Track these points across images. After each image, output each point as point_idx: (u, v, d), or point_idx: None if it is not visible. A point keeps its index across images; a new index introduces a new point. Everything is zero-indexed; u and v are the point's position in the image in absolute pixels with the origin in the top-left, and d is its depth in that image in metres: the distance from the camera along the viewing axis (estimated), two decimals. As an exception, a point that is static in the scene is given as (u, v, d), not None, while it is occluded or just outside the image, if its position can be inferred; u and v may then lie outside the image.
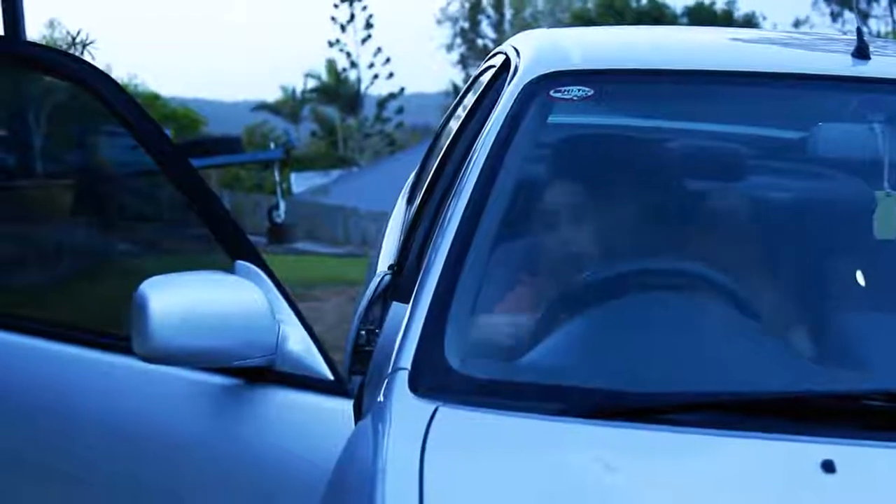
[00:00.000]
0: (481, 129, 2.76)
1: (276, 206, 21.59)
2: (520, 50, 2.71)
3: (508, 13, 63.10)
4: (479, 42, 63.25)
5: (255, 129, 48.34)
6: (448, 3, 64.35)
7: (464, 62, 62.33)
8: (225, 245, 2.22)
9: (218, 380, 2.13)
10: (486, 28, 63.52)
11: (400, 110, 52.50)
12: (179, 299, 2.02)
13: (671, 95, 2.45)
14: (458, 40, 63.55)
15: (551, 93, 2.40)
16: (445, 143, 3.24)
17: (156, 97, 38.81)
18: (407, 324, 2.07)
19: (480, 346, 2.08)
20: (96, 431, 2.16)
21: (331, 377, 2.12)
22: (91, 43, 11.58)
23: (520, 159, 2.29)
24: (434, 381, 1.95)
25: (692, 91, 2.43)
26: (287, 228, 21.82)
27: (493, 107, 2.78)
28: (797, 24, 45.63)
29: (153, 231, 2.88)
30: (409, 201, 3.68)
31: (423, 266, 2.16)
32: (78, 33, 11.57)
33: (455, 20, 63.59)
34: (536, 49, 2.65)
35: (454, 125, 3.40)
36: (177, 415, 2.14)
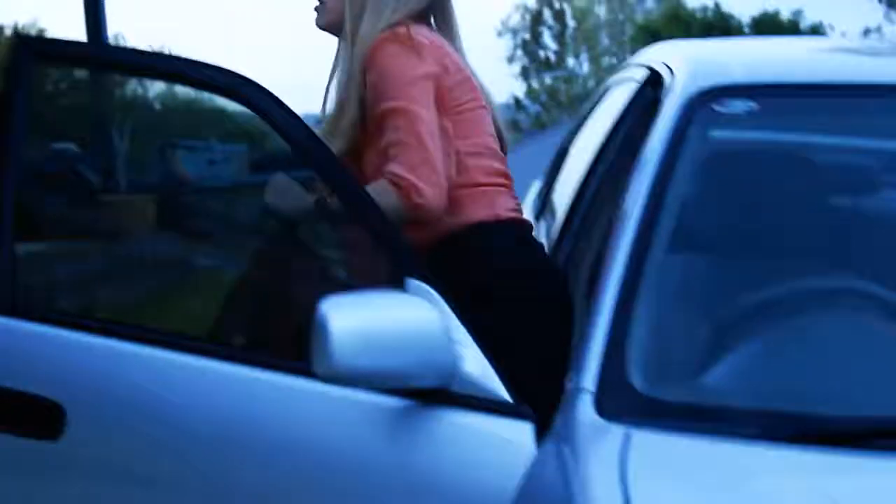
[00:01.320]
0: (632, 143, 2.73)
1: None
2: (671, 64, 2.66)
3: (570, 24, 62.99)
4: (541, 53, 63.23)
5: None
6: (508, 16, 64.38)
7: (525, 74, 62.32)
8: (394, 263, 2.19)
9: (391, 401, 2.10)
10: (547, 39, 63.49)
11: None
12: (359, 319, 1.99)
13: (839, 110, 2.39)
14: (519, 52, 63.54)
15: (715, 107, 2.36)
16: (583, 158, 3.20)
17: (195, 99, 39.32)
18: (586, 343, 2.04)
19: (663, 366, 2.04)
20: (273, 454, 2.14)
21: (508, 399, 2.08)
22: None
23: (687, 174, 2.25)
24: (621, 403, 1.92)
25: (862, 105, 2.37)
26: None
27: (644, 121, 2.75)
28: (867, 32, 45.11)
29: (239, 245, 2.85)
30: (539, 217, 3.64)
31: (598, 286, 2.12)
32: (160, 49, 11.67)
33: (515, 32, 63.60)
34: (692, 63, 2.61)
35: (590, 141, 3.36)
36: (352, 437, 2.11)
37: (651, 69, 2.82)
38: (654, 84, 2.77)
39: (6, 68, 2.51)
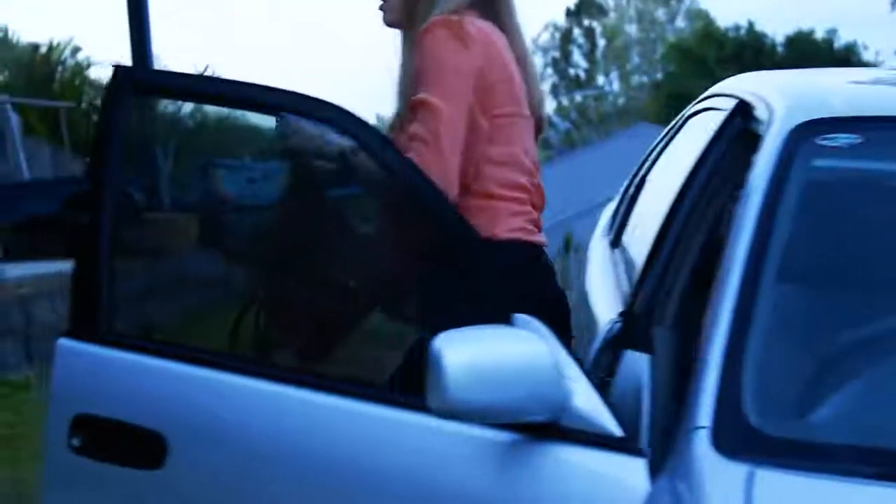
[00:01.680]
0: (724, 174, 2.72)
1: None
2: (764, 95, 2.64)
3: (601, 43, 63.03)
4: (571, 71, 63.27)
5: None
6: (539, 34, 64.42)
7: (555, 92, 62.40)
8: None
9: (500, 435, 2.08)
10: (577, 58, 63.54)
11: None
12: (471, 354, 1.98)
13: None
14: (550, 70, 63.61)
15: (818, 140, 2.34)
16: (667, 188, 3.19)
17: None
18: (698, 379, 2.02)
19: (779, 401, 2.02)
20: (380, 487, 2.13)
21: (620, 434, 2.06)
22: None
23: (793, 208, 2.23)
24: (739, 440, 1.90)
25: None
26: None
27: (736, 152, 2.73)
28: (900, 52, 44.97)
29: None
30: (615, 244, 3.63)
31: (707, 321, 2.10)
32: (205, 69, 11.74)
33: (546, 50, 63.70)
34: (790, 95, 2.59)
35: (673, 171, 3.35)
36: (460, 471, 2.10)
37: (740, 100, 2.79)
38: (744, 115, 2.75)
39: (104, 99, 2.52)
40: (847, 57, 45.44)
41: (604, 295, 3.24)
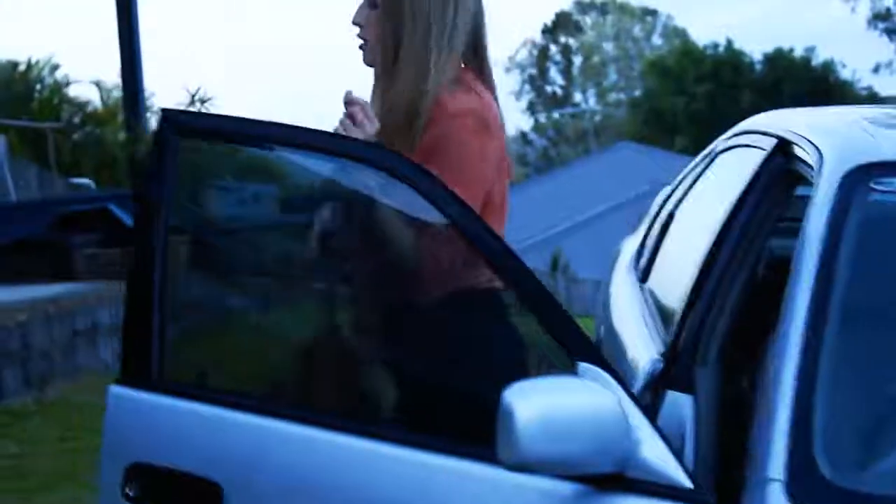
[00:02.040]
0: (767, 215, 2.72)
1: None
2: (806, 135, 2.64)
3: (577, 60, 63.24)
4: (548, 89, 63.45)
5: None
6: (516, 51, 64.62)
7: (532, 109, 62.54)
8: (567, 345, 2.17)
9: (566, 486, 2.07)
10: (554, 75, 63.75)
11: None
12: (541, 407, 1.97)
13: None
14: (527, 87, 63.79)
15: (872, 184, 2.34)
16: (703, 226, 3.19)
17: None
18: (767, 429, 2.01)
19: (850, 451, 2.01)
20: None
21: (689, 485, 2.05)
22: (209, 100, 11.73)
23: (852, 252, 2.23)
24: (813, 493, 1.89)
25: None
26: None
27: (780, 193, 2.74)
28: (877, 69, 45.27)
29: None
30: (644, 279, 3.62)
31: (772, 366, 2.10)
32: (197, 90, 11.72)
33: (523, 67, 63.90)
34: (833, 136, 2.59)
35: (707, 208, 3.35)
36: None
37: (780, 139, 2.79)
38: (785, 154, 2.75)
39: (153, 143, 2.49)
40: (825, 75, 45.72)
41: (638, 333, 3.23)
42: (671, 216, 3.66)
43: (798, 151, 2.66)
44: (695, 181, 3.61)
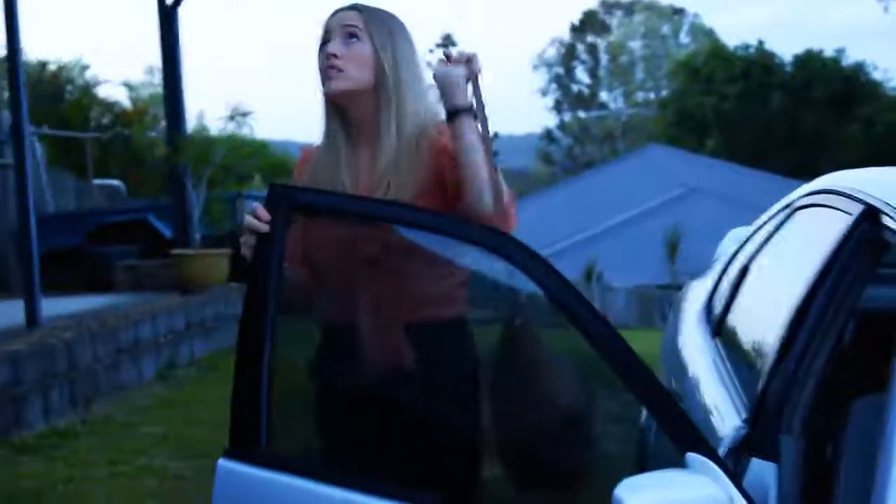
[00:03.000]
0: (856, 284, 2.70)
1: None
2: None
3: (604, 59, 63.15)
4: (574, 87, 63.36)
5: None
6: (544, 50, 64.55)
7: (558, 107, 62.45)
8: (676, 437, 2.16)
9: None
10: (581, 74, 63.66)
11: (495, 153, 52.70)
12: (652, 503, 1.98)
13: None
14: (554, 86, 63.71)
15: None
16: (781, 284, 3.18)
17: (263, 145, 38.31)
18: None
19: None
20: None
21: (799, 580, 2.05)
22: (249, 114, 11.75)
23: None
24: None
25: None
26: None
27: (869, 264, 2.72)
28: (907, 71, 45.08)
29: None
30: (717, 334, 3.60)
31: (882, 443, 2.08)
32: (237, 105, 11.75)
33: (550, 66, 63.82)
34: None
35: (786, 266, 3.33)
36: None
37: (867, 205, 2.77)
38: (872, 222, 2.72)
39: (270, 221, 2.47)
40: (855, 76, 45.47)
41: (716, 392, 3.20)
42: (745, 270, 3.63)
43: (887, 222, 2.63)
44: (771, 235, 3.58)
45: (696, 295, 4.23)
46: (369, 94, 2.74)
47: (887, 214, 2.64)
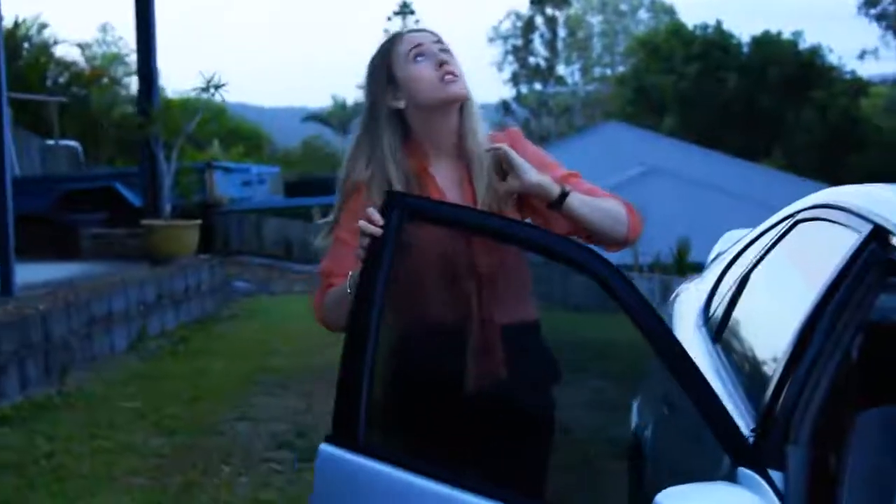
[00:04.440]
0: (864, 304, 2.80)
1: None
2: None
3: (562, 33, 63.10)
4: (532, 60, 63.32)
5: (310, 142, 48.49)
6: (500, 22, 64.39)
7: (515, 80, 62.35)
8: (731, 451, 2.26)
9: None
10: (538, 47, 63.58)
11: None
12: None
13: None
14: (510, 58, 63.59)
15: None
16: (786, 296, 3.28)
17: (221, 110, 38.06)
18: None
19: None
20: None
21: None
22: (224, 85, 11.74)
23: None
24: None
25: None
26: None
27: (878, 284, 2.81)
28: (862, 55, 45.47)
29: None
30: (717, 340, 3.69)
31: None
32: (212, 77, 11.72)
33: (507, 38, 63.67)
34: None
35: (790, 279, 3.43)
36: None
37: (875, 225, 2.86)
38: (882, 243, 2.81)
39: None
40: (811, 59, 45.82)
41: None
42: (746, 278, 3.73)
43: (892, 239, 2.72)
44: (773, 245, 3.68)
45: (691, 297, 4.33)
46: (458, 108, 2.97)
47: (890, 232, 2.73)
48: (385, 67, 2.96)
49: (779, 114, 44.32)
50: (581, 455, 3.24)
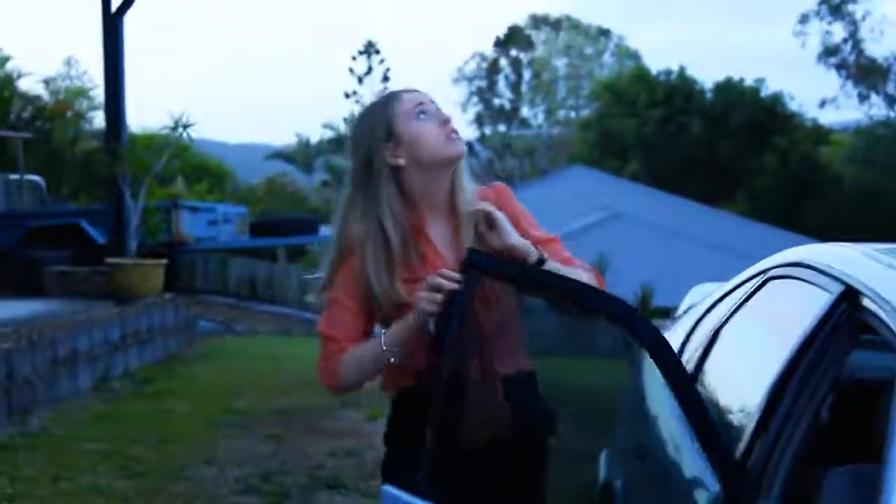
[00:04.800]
0: (834, 366, 2.84)
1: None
2: (877, 289, 2.72)
3: (526, 75, 63.52)
4: (496, 101, 63.67)
5: (274, 179, 48.43)
6: (465, 63, 64.73)
7: (479, 121, 62.72)
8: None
9: None
10: (502, 88, 63.97)
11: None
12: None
13: None
14: (475, 99, 63.91)
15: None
16: (756, 355, 3.33)
17: (185, 147, 37.85)
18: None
19: None
20: None
21: None
22: (192, 125, 11.77)
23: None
24: None
25: None
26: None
27: (849, 346, 2.86)
28: (823, 104, 46.01)
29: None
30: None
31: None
32: (181, 116, 11.74)
33: (471, 79, 64.05)
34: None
35: (760, 337, 3.49)
36: None
37: (847, 286, 2.90)
38: (852, 304, 2.84)
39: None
40: (773, 105, 46.30)
41: (691, 453, 3.32)
42: (717, 333, 3.78)
43: (868, 304, 2.75)
44: (743, 302, 3.73)
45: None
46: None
47: (867, 296, 2.77)
48: (385, 124, 2.98)
49: (741, 159, 44.75)
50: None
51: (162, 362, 11.55)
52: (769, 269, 3.69)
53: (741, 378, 3.46)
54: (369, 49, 42.94)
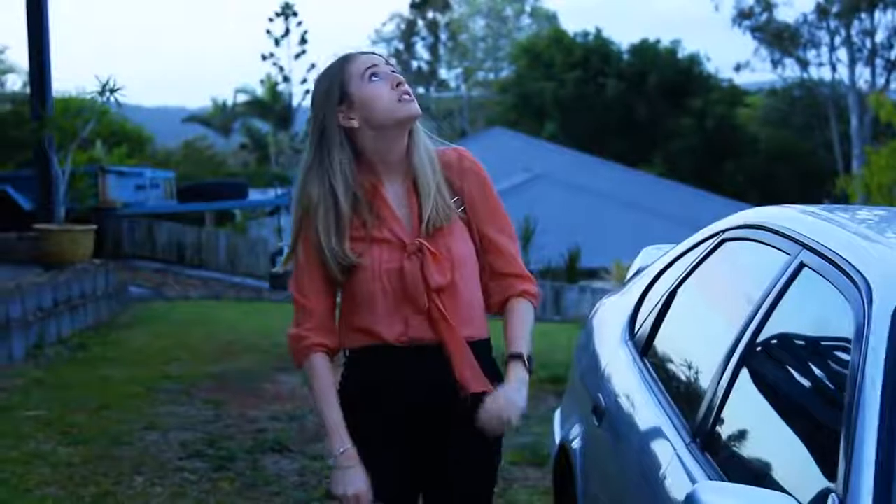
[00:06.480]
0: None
1: (280, 252, 20.36)
2: (850, 259, 2.74)
3: (444, 36, 63.34)
4: (413, 64, 63.44)
5: (192, 143, 47.84)
6: (383, 24, 64.40)
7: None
8: None
9: None
10: (420, 50, 63.77)
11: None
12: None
13: None
14: (394, 61, 63.61)
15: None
16: (715, 317, 3.42)
17: (104, 111, 37.29)
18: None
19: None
20: None
21: None
22: (119, 89, 11.64)
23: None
24: None
25: None
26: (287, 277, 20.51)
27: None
28: (738, 68, 46.49)
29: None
30: (645, 353, 3.78)
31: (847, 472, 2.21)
32: (108, 80, 11.61)
33: (389, 41, 63.70)
34: (872, 262, 2.73)
35: (719, 299, 3.57)
36: None
37: (807, 248, 2.96)
38: (817, 269, 2.89)
39: None
40: (689, 67, 46.74)
41: (654, 415, 3.37)
42: (673, 294, 3.85)
43: (832, 271, 2.80)
44: (699, 263, 3.80)
45: (612, 312, 4.43)
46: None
47: (835, 264, 2.81)
48: (338, 86, 3.02)
49: (657, 121, 45.16)
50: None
51: (94, 328, 11.46)
52: (723, 230, 3.76)
53: (701, 338, 3.54)
54: (286, 11, 42.42)
